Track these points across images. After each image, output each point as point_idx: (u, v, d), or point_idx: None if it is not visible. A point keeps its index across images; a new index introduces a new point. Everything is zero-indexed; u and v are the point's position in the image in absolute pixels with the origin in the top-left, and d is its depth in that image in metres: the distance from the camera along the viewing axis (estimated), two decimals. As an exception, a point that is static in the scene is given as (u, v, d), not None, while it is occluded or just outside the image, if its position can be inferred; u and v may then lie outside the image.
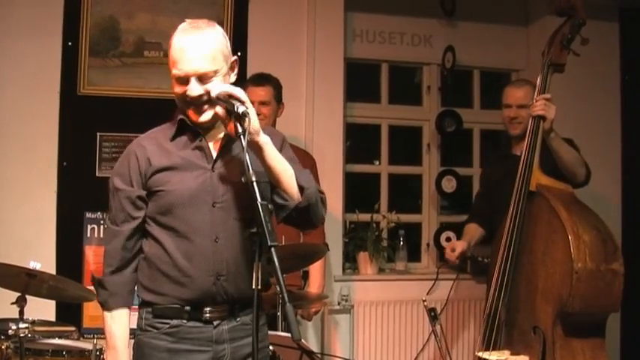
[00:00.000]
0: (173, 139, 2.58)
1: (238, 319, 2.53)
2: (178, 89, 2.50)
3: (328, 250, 4.26)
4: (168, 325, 2.51)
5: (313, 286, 4.36)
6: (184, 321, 2.50)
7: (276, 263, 2.20)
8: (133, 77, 4.82)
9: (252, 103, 4.12)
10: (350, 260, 5.51)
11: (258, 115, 4.07)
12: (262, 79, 4.29)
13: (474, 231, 4.39)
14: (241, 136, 2.34)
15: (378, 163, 5.73)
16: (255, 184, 2.27)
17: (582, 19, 3.71)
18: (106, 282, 2.56)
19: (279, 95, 4.29)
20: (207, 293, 2.48)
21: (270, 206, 2.29)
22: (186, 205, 2.48)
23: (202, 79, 2.46)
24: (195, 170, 2.52)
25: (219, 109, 2.42)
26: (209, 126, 2.56)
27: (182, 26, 2.51)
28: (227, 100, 2.42)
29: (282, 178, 2.48)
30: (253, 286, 2.26)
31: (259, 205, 2.24)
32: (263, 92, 4.22)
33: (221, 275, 2.47)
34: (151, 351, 2.52)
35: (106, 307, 2.55)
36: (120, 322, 2.54)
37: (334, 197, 5.11)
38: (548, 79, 3.77)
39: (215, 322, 2.50)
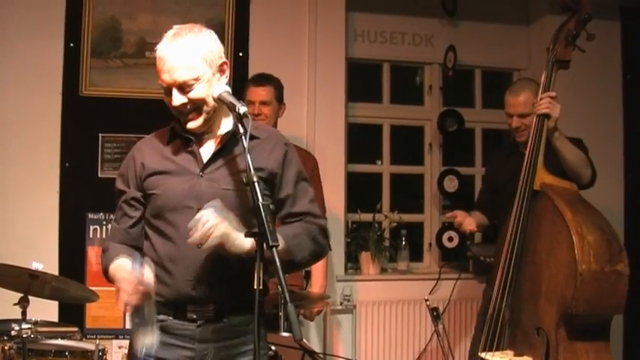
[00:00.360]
0: (169, 142, 2.59)
1: (225, 320, 2.51)
2: (165, 98, 2.52)
3: (330, 250, 4.26)
4: (155, 319, 2.51)
5: (315, 286, 4.35)
6: (170, 317, 2.51)
7: (278, 263, 2.20)
8: (134, 78, 4.81)
9: (254, 103, 4.19)
10: (352, 260, 5.50)
11: (259, 115, 4.13)
12: (263, 80, 4.28)
13: (478, 214, 4.34)
14: (242, 137, 2.34)
15: (379, 162, 5.72)
16: (256, 184, 2.27)
17: (588, 14, 3.64)
18: (108, 247, 2.60)
19: (280, 95, 4.29)
20: (187, 296, 2.48)
21: (271, 206, 2.30)
22: (172, 209, 2.49)
23: (183, 87, 2.46)
24: (185, 175, 2.52)
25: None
26: (203, 131, 2.56)
27: (166, 34, 2.52)
28: (228, 101, 2.43)
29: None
30: (255, 286, 2.26)
31: (261, 205, 2.24)
32: (264, 92, 4.21)
33: (201, 280, 2.46)
34: None
35: (108, 266, 2.53)
36: (120, 260, 2.48)
37: (336, 197, 5.11)
38: (553, 76, 3.72)
39: (199, 322, 2.50)
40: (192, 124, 2.52)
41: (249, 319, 2.49)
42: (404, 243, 5.53)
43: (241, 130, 2.36)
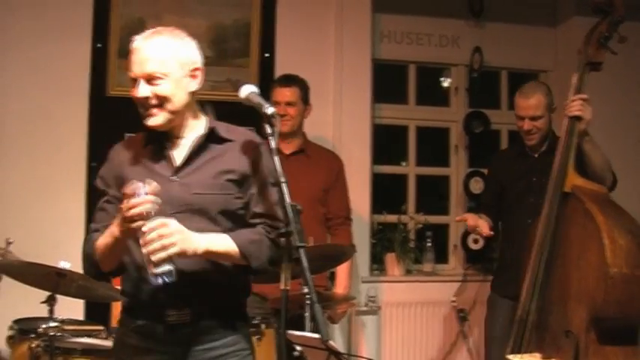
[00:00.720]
0: (144, 146, 2.57)
1: (203, 323, 2.48)
2: (131, 91, 2.50)
3: (355, 251, 4.24)
4: (134, 324, 2.51)
5: (339, 287, 4.33)
6: (147, 321, 2.48)
7: (305, 264, 2.19)
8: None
9: (279, 103, 4.19)
10: (377, 261, 5.47)
11: (284, 116, 4.13)
12: (289, 80, 4.28)
13: (484, 216, 4.24)
14: (269, 138, 2.34)
15: (405, 164, 5.70)
16: (283, 185, 2.27)
17: (620, 16, 3.58)
18: (90, 238, 2.58)
19: (305, 96, 4.29)
20: (165, 300, 2.44)
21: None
22: None
23: (150, 80, 2.44)
24: (158, 180, 2.44)
25: None
26: (178, 134, 2.54)
27: (148, 30, 2.51)
28: (255, 102, 2.41)
29: (229, 262, 2.47)
30: (282, 287, 2.25)
31: (288, 205, 2.24)
32: (289, 93, 4.22)
33: (177, 284, 2.38)
34: (120, 346, 2.58)
35: (93, 247, 2.51)
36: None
37: (361, 198, 5.09)
38: (584, 78, 3.67)
39: (177, 325, 2.46)
40: (152, 121, 2.48)
41: (228, 322, 2.51)
42: (429, 244, 5.51)
43: (269, 130, 2.34)
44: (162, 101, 2.46)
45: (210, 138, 2.53)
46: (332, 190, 4.31)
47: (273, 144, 2.33)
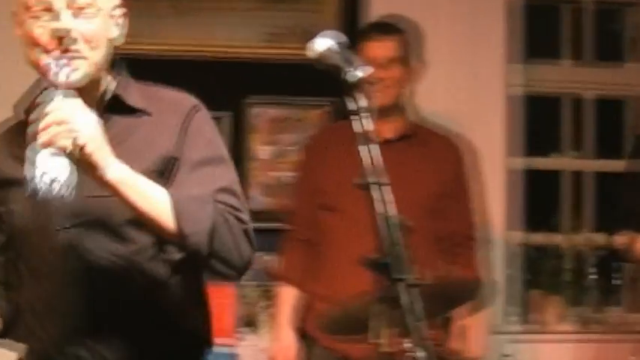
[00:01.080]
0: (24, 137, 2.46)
1: None
2: (32, 26, 2.42)
3: (489, 288, 4.23)
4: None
5: (468, 345, 4.38)
6: None
7: (409, 307, 2.21)
8: (188, 28, 5.03)
9: (372, 63, 4.19)
10: (523, 305, 5.44)
11: (381, 81, 4.13)
12: (386, 30, 4.37)
13: None
14: (358, 117, 2.31)
15: (575, 154, 5.65)
16: (375, 187, 2.27)
17: None
18: None
19: (408, 53, 4.36)
20: (70, 354, 2.47)
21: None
22: (28, 233, 2.48)
23: (74, 9, 2.40)
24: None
25: None
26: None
27: None
28: (333, 62, 2.34)
29: (153, 223, 2.40)
30: (373, 342, 2.27)
31: (382, 219, 2.23)
32: (387, 48, 4.29)
33: (89, 331, 2.46)
34: None
35: None
36: None
37: (492, 206, 5.08)
38: None
39: None
40: (71, 75, 2.35)
41: None
42: (613, 280, 5.44)
43: (357, 105, 2.33)
44: (88, 45, 2.43)
45: (115, 108, 2.52)
46: (451, 196, 4.30)
47: (365, 125, 2.32)
